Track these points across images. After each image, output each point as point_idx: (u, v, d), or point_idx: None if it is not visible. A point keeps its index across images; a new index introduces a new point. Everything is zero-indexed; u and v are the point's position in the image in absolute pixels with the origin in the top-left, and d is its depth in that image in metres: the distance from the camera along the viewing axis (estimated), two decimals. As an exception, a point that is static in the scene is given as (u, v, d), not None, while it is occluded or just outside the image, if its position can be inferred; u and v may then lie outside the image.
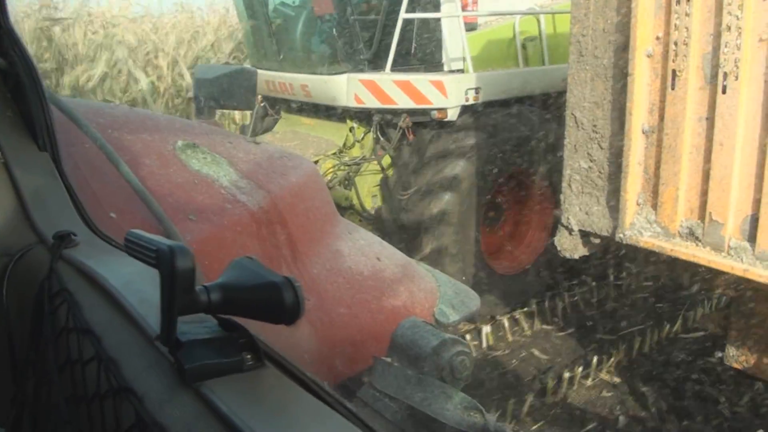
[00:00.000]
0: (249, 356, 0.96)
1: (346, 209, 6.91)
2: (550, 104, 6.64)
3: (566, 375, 5.29)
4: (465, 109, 6.28)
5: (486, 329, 6.25)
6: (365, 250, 2.54)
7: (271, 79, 7.42)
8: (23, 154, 1.62)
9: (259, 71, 7.42)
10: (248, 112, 8.64)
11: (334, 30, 6.81)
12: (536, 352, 6.01)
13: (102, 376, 1.07)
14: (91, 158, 1.82)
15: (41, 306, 1.33)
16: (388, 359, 1.73)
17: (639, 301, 6.72)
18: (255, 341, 0.98)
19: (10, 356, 1.44)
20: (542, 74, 6.83)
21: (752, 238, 3.43)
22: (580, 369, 5.42)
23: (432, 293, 2.52)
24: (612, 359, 5.57)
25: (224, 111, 9.48)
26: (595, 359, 5.52)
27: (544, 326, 6.48)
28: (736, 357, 4.24)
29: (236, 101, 4.32)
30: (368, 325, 2.21)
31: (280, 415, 0.88)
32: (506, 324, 6.38)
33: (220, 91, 4.22)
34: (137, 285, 1.20)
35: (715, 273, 3.66)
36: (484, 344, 6.14)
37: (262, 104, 8.18)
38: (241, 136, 2.61)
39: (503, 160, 6.35)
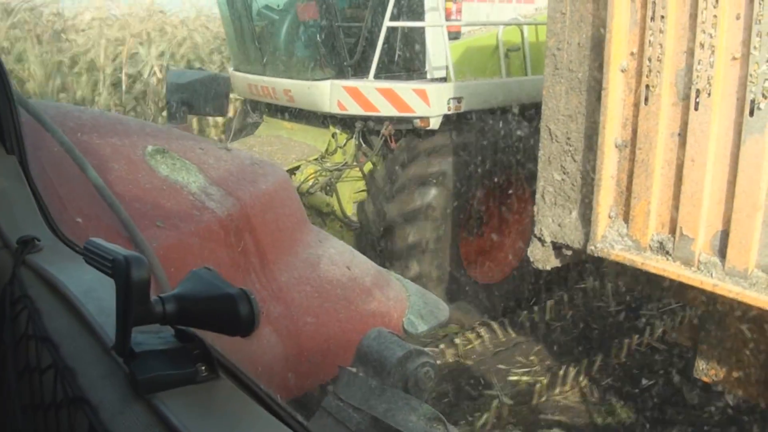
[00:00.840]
0: (203, 368, 0.96)
1: (327, 215, 6.94)
2: (533, 114, 6.65)
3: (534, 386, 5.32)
4: (447, 118, 6.32)
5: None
6: (335, 259, 2.54)
7: (254, 82, 7.41)
8: None
9: (242, 74, 7.53)
10: (231, 115, 8.65)
11: (318, 36, 6.84)
12: (501, 366, 6.02)
13: (58, 385, 1.07)
14: (59, 162, 1.81)
15: (2, 312, 1.32)
16: (354, 369, 1.73)
17: (610, 313, 6.77)
18: (210, 352, 0.97)
19: None
20: (525, 84, 6.86)
21: (722, 253, 3.47)
22: (545, 380, 5.45)
23: (401, 303, 2.52)
24: (580, 370, 5.60)
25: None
26: (561, 371, 5.55)
27: (513, 337, 6.50)
28: (706, 370, 4.27)
29: (208, 107, 4.32)
30: (335, 334, 2.21)
31: (231, 429, 0.88)
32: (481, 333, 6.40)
33: (193, 97, 4.21)
34: (97, 293, 1.20)
35: (685, 287, 3.70)
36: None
37: (242, 108, 8.19)
38: (212, 142, 2.60)
39: (484, 169, 6.41)
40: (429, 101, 6.17)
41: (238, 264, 2.08)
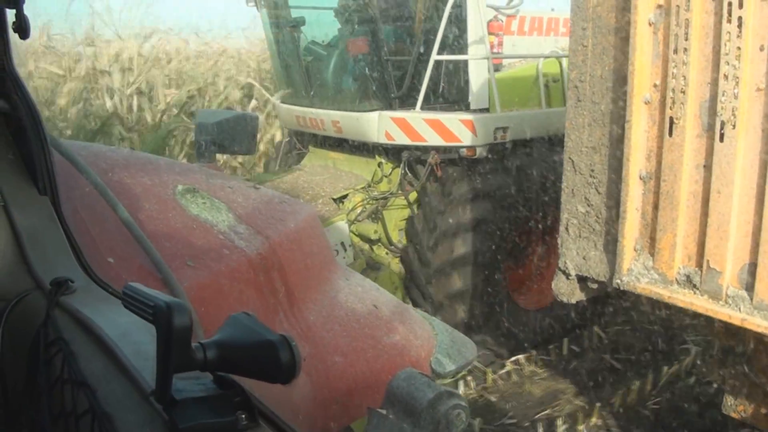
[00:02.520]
0: (243, 415, 0.96)
1: (374, 242, 7.08)
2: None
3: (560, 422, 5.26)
4: (492, 148, 6.49)
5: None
6: (362, 297, 2.53)
7: (302, 114, 7.67)
8: (23, 197, 1.62)
9: (289, 107, 7.89)
10: (275, 146, 8.88)
11: (367, 69, 7.08)
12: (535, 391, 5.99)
13: (95, 431, 1.07)
14: (91, 202, 1.83)
15: (36, 354, 1.32)
16: (384, 411, 1.72)
17: (642, 344, 6.71)
18: (250, 400, 0.97)
19: (3, 404, 1.42)
20: (565, 115, 6.97)
21: (750, 287, 3.42)
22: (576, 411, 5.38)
23: (429, 342, 2.51)
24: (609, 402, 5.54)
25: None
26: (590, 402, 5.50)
27: (539, 369, 6.47)
28: (734, 406, 4.20)
29: (237, 146, 4.37)
30: (364, 374, 2.19)
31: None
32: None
33: (221, 136, 4.27)
34: (133, 336, 1.20)
35: (712, 320, 3.65)
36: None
37: (287, 139, 8.54)
38: (240, 180, 2.62)
39: (528, 198, 6.59)
40: (476, 131, 6.35)
41: (267, 303, 2.08)
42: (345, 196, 6.96)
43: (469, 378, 6.16)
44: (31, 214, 1.60)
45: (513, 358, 6.56)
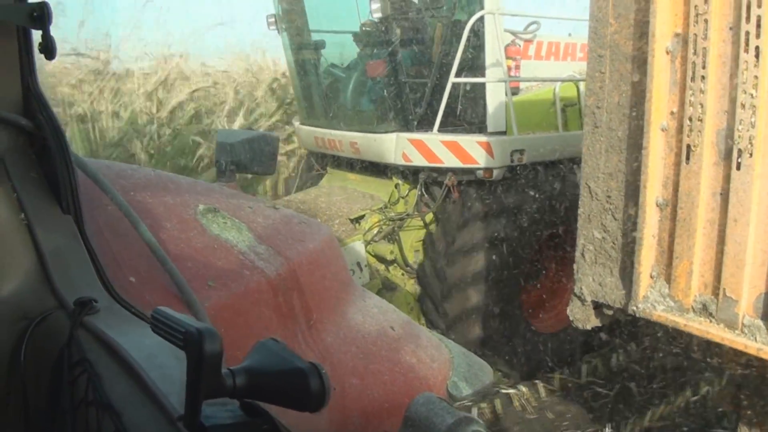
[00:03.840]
0: (272, 443, 0.96)
1: (390, 262, 7.12)
2: None
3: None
4: (509, 170, 6.53)
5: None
6: (378, 319, 2.53)
7: (321, 135, 7.76)
8: (47, 216, 1.63)
9: (309, 128, 8.00)
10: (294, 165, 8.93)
11: (385, 91, 7.16)
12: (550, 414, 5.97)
13: None
14: (114, 221, 1.84)
15: (60, 375, 1.32)
16: (402, 436, 1.71)
17: (656, 371, 6.66)
18: (278, 427, 0.97)
19: (25, 425, 1.43)
20: (581, 139, 6.99)
21: (766, 316, 3.41)
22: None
23: (445, 365, 2.50)
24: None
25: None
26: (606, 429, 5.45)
27: (552, 393, 6.43)
28: (749, 435, 4.17)
29: (257, 166, 4.40)
30: (381, 397, 2.19)
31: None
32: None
33: (242, 156, 4.30)
34: (159, 359, 1.20)
35: (728, 349, 3.63)
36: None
37: (306, 160, 8.66)
38: (260, 201, 2.63)
39: (546, 219, 6.61)
40: (493, 153, 6.38)
41: (285, 324, 2.09)
42: (362, 217, 7.00)
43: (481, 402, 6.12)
44: (54, 232, 1.61)
45: (526, 382, 6.52)
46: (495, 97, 6.75)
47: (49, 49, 1.57)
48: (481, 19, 6.56)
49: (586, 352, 7.07)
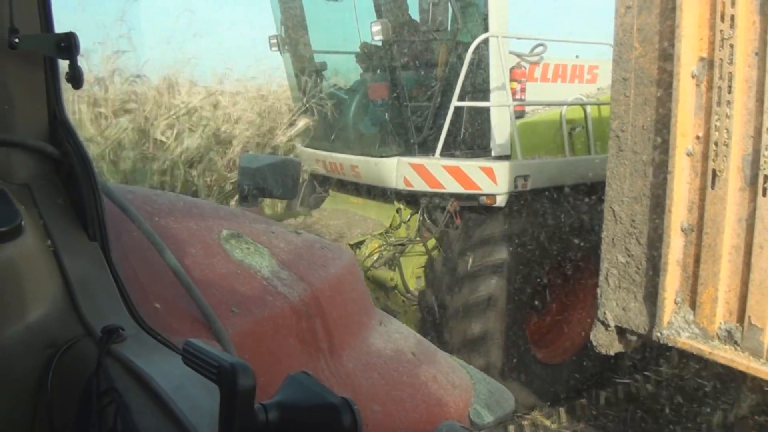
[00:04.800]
0: (303, 479, 0.95)
1: (390, 289, 6.98)
2: (597, 193, 6.61)
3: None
4: (513, 196, 6.39)
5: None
6: (400, 344, 2.51)
7: (323, 158, 7.70)
8: (73, 243, 1.63)
9: (312, 150, 7.91)
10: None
11: (386, 114, 7.06)
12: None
13: None
14: (140, 247, 1.84)
15: (88, 404, 1.32)
16: (427, 466, 1.69)
17: (673, 399, 6.56)
18: (309, 463, 0.96)
19: None
20: (589, 163, 6.87)
21: (793, 344, 3.36)
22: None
23: (467, 392, 2.47)
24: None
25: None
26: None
27: (555, 426, 6.34)
28: (775, 465, 4.10)
29: (280, 191, 4.42)
30: (403, 424, 2.16)
31: None
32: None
33: (264, 180, 4.32)
34: (188, 390, 1.19)
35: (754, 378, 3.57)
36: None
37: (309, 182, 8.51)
38: (282, 225, 2.62)
39: (550, 248, 6.44)
40: (496, 179, 6.25)
41: (308, 350, 2.07)
42: (362, 242, 6.88)
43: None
44: (81, 259, 1.61)
45: (530, 413, 6.41)
46: (499, 120, 6.66)
47: (76, 78, 1.58)
48: (486, 41, 6.50)
49: (592, 385, 6.92)
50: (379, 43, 6.79)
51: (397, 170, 6.70)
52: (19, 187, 1.65)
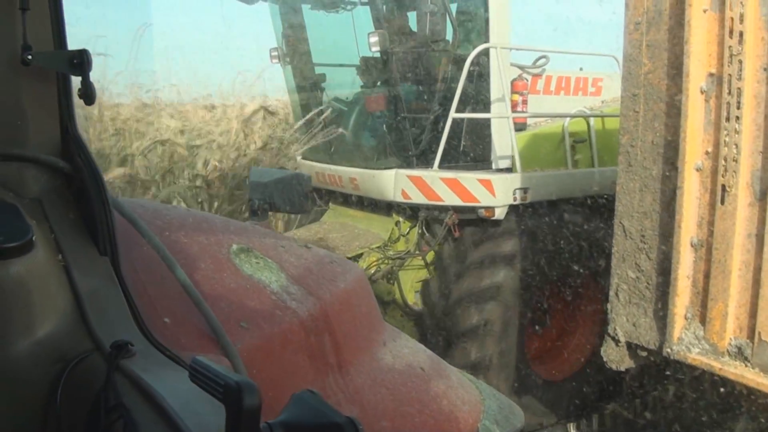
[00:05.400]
0: (308, 498, 0.95)
1: (388, 303, 6.90)
2: (600, 207, 6.52)
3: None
4: (513, 209, 6.29)
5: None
6: (409, 359, 2.51)
7: (322, 171, 7.61)
8: (83, 257, 1.65)
9: (310, 163, 7.80)
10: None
11: (384, 126, 6.99)
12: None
13: None
14: (149, 262, 1.85)
15: (96, 419, 1.33)
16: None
17: (682, 417, 6.49)
18: (314, 482, 0.96)
19: None
20: (591, 176, 6.81)
21: (804, 361, 3.35)
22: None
23: (476, 407, 2.47)
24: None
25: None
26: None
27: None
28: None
29: (290, 205, 4.43)
30: (412, 440, 2.17)
31: None
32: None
33: (274, 195, 4.33)
34: (195, 407, 1.20)
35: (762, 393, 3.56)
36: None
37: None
38: (292, 240, 2.63)
39: (550, 262, 6.33)
40: (494, 191, 6.15)
41: (317, 366, 2.08)
42: (360, 255, 6.76)
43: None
44: (91, 274, 1.62)
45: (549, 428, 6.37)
46: (500, 133, 6.57)
47: (88, 94, 1.60)
48: (486, 52, 6.42)
49: (596, 400, 6.83)
50: (377, 55, 6.72)
51: (395, 183, 6.63)
52: (31, 201, 1.66)
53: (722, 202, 3.57)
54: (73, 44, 1.68)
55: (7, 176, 1.68)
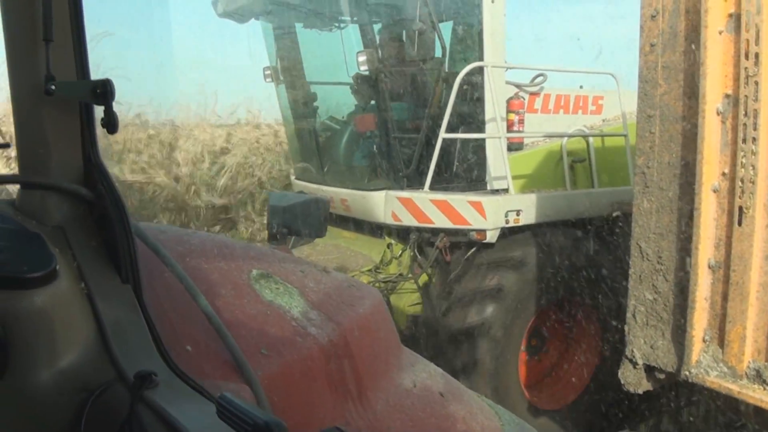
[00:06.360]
0: None
1: None
2: (601, 229, 6.41)
3: None
4: (506, 232, 6.12)
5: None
6: (428, 384, 2.50)
7: (314, 191, 7.44)
8: (106, 285, 1.65)
9: (303, 183, 7.71)
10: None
11: (374, 146, 6.88)
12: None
13: None
14: (171, 289, 1.85)
15: None
16: None
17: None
18: None
19: None
20: (591, 197, 6.63)
21: (824, 384, 3.31)
22: None
23: (496, 433, 2.46)
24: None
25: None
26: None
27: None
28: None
29: (308, 229, 4.42)
30: (432, 467, 2.15)
31: None
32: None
33: (293, 219, 4.32)
34: None
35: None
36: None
37: None
38: (311, 264, 2.63)
39: (546, 287, 6.16)
40: (485, 214, 5.97)
41: (336, 392, 2.07)
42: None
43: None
44: (114, 302, 1.63)
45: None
46: (495, 153, 6.42)
47: (111, 123, 1.61)
48: (480, 71, 6.28)
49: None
50: (367, 73, 6.64)
51: (385, 204, 6.48)
52: (54, 229, 1.67)
53: (739, 224, 3.55)
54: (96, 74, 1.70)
55: (30, 204, 1.70)
